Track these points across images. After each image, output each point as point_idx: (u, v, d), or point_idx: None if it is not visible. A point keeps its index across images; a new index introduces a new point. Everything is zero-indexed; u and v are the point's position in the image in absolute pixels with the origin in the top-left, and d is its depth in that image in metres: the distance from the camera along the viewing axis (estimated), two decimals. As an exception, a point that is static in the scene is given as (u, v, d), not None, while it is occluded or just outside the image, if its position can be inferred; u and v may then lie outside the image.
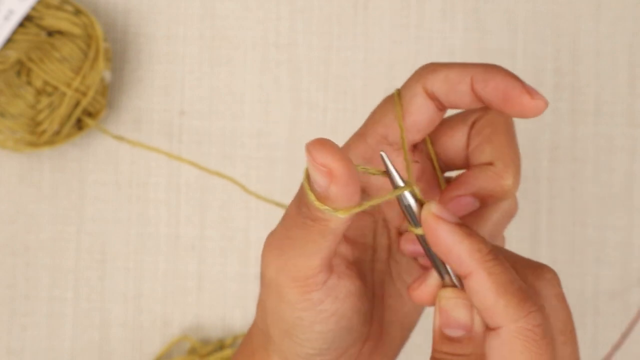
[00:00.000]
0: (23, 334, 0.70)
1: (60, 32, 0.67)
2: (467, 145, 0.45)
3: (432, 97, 0.44)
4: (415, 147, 0.45)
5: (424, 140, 0.45)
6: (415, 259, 0.46)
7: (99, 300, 0.70)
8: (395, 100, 0.45)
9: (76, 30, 0.67)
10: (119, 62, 0.71)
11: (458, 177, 0.44)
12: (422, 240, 0.41)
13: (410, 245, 0.45)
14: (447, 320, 0.41)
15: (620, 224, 0.71)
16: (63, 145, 0.70)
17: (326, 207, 0.39)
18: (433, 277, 0.42)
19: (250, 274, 0.70)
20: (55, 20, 0.67)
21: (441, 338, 0.41)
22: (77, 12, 0.67)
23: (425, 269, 0.44)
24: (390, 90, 0.73)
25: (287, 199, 0.71)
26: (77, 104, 0.66)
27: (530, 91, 0.43)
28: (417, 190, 0.40)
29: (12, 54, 0.66)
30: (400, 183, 0.40)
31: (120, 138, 0.70)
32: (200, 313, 0.70)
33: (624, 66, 0.72)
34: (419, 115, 0.44)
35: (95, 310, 0.70)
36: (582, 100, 0.72)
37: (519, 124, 0.73)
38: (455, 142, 0.45)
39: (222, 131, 0.71)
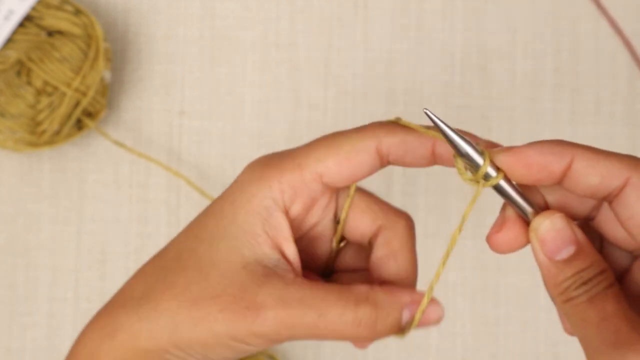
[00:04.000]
0: (23, 334, 0.70)
1: (60, 32, 0.67)
2: (370, 240, 0.46)
3: (383, 156, 0.44)
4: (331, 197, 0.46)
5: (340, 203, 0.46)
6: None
7: (99, 300, 0.70)
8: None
9: (76, 30, 0.67)
10: (119, 62, 0.71)
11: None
12: (500, 186, 0.41)
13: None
14: (555, 244, 0.41)
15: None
16: (63, 145, 0.70)
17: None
18: (510, 211, 0.42)
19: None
20: (55, 20, 0.67)
21: (558, 268, 0.41)
22: (77, 12, 0.67)
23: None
24: (390, 90, 0.73)
25: (287, 199, 0.71)
26: (77, 104, 0.66)
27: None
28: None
29: (12, 54, 0.66)
30: (479, 160, 0.41)
31: (120, 144, 0.70)
32: (200, 313, 0.70)
33: (624, 66, 0.72)
34: (360, 169, 0.44)
35: (95, 310, 0.70)
36: (582, 100, 0.72)
37: (519, 124, 0.74)
38: (361, 229, 0.46)
39: (222, 131, 0.71)
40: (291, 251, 0.44)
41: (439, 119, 0.41)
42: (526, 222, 0.42)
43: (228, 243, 0.43)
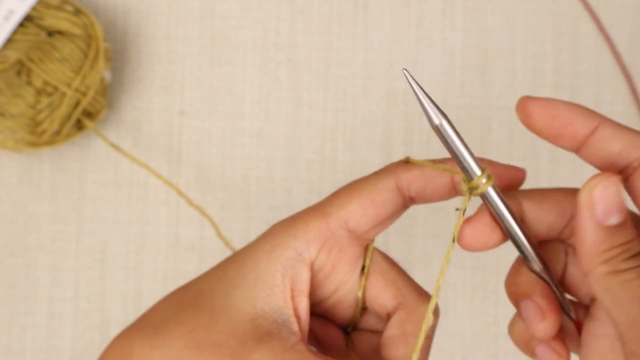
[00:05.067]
0: (23, 334, 0.70)
1: (60, 32, 0.67)
2: (388, 315, 0.45)
3: (404, 192, 0.44)
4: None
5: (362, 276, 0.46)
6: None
7: (99, 300, 0.70)
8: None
9: (76, 30, 0.67)
10: (119, 62, 0.71)
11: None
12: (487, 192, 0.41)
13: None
14: (607, 208, 0.38)
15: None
16: (63, 145, 0.70)
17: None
18: (485, 209, 0.42)
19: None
20: (55, 20, 0.67)
21: (606, 233, 0.38)
22: (77, 12, 0.67)
23: None
24: (390, 90, 0.73)
25: (288, 199, 0.71)
26: (77, 104, 0.66)
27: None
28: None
29: (12, 54, 0.66)
30: (478, 171, 0.41)
31: (116, 147, 0.70)
32: (200, 313, 0.70)
33: (624, 66, 0.72)
34: (383, 208, 0.44)
35: (95, 310, 0.70)
36: (582, 100, 0.72)
37: (519, 124, 0.73)
38: (382, 301, 0.45)
39: (222, 131, 0.71)
40: (303, 306, 0.43)
41: (417, 83, 0.39)
42: (498, 223, 0.41)
43: (243, 292, 0.43)
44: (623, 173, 0.41)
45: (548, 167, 0.72)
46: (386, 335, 0.45)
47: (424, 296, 0.45)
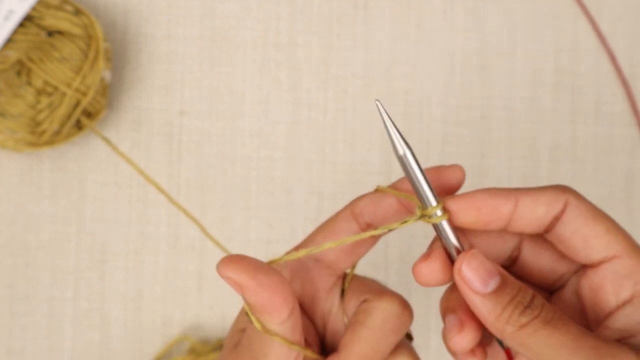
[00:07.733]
0: (23, 334, 0.70)
1: (60, 32, 0.67)
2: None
3: (358, 219, 0.46)
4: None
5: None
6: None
7: (99, 300, 0.70)
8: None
9: (76, 30, 0.67)
10: (119, 62, 0.71)
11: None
12: (441, 225, 0.43)
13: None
14: (480, 278, 0.41)
15: (620, 224, 0.71)
16: (63, 145, 0.70)
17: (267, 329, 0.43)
18: (438, 244, 0.43)
19: (250, 274, 0.70)
20: (55, 20, 0.67)
21: (492, 300, 0.41)
22: (77, 12, 0.67)
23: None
24: (390, 90, 0.73)
25: (288, 199, 0.71)
26: (77, 104, 0.66)
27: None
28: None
29: (12, 54, 0.66)
30: (433, 201, 0.43)
31: (113, 147, 0.70)
32: (200, 313, 0.70)
33: (624, 66, 0.72)
34: (341, 234, 0.46)
35: (95, 310, 0.70)
36: (582, 100, 0.72)
37: (519, 124, 0.73)
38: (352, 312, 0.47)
39: (222, 131, 0.71)
40: (287, 328, 0.46)
41: (387, 115, 0.42)
42: (449, 255, 0.43)
43: (241, 318, 0.47)
44: (549, 227, 0.43)
45: (548, 167, 0.72)
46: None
47: (386, 293, 0.46)
